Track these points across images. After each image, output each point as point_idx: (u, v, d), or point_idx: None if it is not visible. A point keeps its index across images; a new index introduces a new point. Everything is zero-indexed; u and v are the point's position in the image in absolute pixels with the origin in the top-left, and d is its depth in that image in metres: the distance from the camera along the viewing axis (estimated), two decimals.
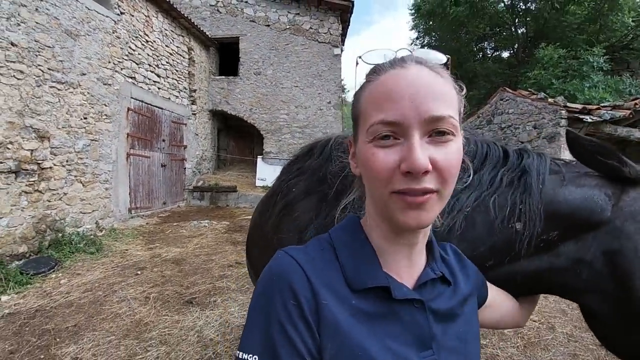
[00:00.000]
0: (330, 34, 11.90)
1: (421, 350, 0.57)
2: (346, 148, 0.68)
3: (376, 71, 0.57)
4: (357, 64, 0.66)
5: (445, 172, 0.51)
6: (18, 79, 4.96)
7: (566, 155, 7.01)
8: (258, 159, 11.92)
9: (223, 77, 12.42)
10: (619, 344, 0.93)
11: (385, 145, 0.52)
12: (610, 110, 6.72)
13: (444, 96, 0.52)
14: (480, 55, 14.49)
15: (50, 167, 5.49)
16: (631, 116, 6.78)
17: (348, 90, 40.39)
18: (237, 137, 14.09)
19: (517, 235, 0.94)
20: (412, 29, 15.95)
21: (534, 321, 3.63)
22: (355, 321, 0.55)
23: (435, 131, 0.51)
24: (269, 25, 12.04)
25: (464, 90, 0.60)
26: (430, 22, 14.07)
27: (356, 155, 0.60)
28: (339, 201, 1.03)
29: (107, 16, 6.89)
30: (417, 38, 16.06)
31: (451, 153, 0.52)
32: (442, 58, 0.60)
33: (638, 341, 0.85)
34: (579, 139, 0.94)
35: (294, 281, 0.54)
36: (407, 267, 0.61)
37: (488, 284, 0.81)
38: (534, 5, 11.79)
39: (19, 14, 4.98)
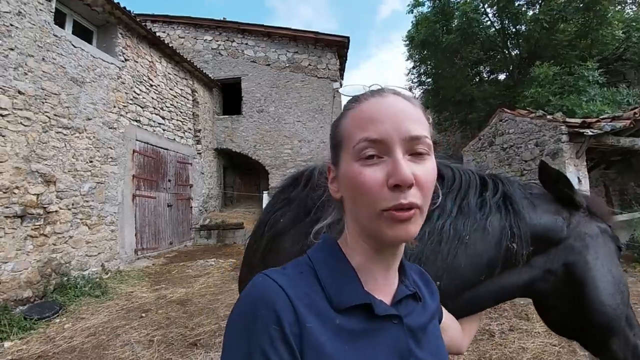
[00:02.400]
0: (329, 69, 12.21)
1: None
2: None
3: (356, 100, 0.61)
4: (333, 97, 0.72)
5: (425, 188, 0.56)
6: (25, 125, 5.11)
7: (571, 169, 6.94)
8: (264, 194, 11.94)
9: (227, 116, 12.71)
10: (564, 327, 1.25)
11: (371, 164, 0.55)
12: (610, 121, 6.69)
13: (419, 120, 0.58)
14: (477, 79, 14.65)
15: (56, 211, 5.54)
16: (632, 125, 6.75)
17: None
18: (243, 174, 14.21)
19: (512, 252, 1.12)
20: (408, 59, 16.25)
21: (554, 345, 3.47)
22: (339, 341, 0.55)
23: (415, 152, 0.56)
24: (269, 65, 12.41)
25: (430, 120, 0.64)
26: (425, 52, 14.34)
27: (338, 178, 0.63)
28: (329, 230, 1.10)
29: (112, 63, 7.17)
30: (413, 67, 16.34)
31: (429, 169, 0.57)
32: (409, 93, 0.64)
33: (579, 324, 1.18)
34: (548, 168, 1.21)
35: (276, 304, 0.53)
36: (383, 286, 0.63)
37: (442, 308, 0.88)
38: (524, 26, 12.02)
39: (25, 64, 5.19)
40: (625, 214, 7.85)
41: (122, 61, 7.52)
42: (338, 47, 12.25)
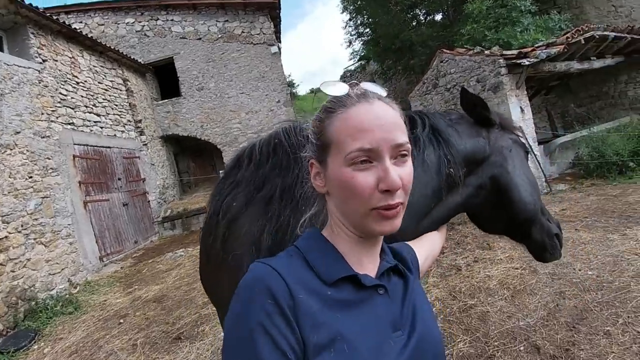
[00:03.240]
0: (264, 33, 11.77)
1: (392, 331, 0.64)
2: (306, 163, 0.77)
3: (344, 104, 0.66)
4: (314, 94, 0.74)
5: (407, 186, 0.65)
6: None
7: (513, 100, 7.23)
8: (220, 173, 11.71)
9: (166, 100, 12.14)
10: (496, 228, 1.55)
11: (363, 169, 0.62)
12: (545, 49, 6.92)
13: (401, 126, 0.66)
14: (415, 23, 14.59)
15: (6, 237, 5.23)
16: (566, 50, 7.01)
17: (297, 84, 40.06)
18: (196, 157, 13.80)
19: (451, 176, 1.32)
20: (343, 11, 15.89)
21: (516, 269, 3.73)
22: (332, 311, 0.61)
23: (399, 155, 0.64)
24: (200, 39, 11.81)
25: (406, 121, 0.71)
26: (359, 2, 14.06)
27: (326, 176, 0.69)
28: (284, 199, 1.22)
29: (29, 67, 6.58)
30: (350, 19, 16.05)
31: (409, 169, 0.66)
32: (384, 91, 0.71)
33: (508, 222, 1.46)
34: (467, 94, 1.40)
35: (270, 282, 0.59)
36: (369, 263, 0.71)
37: (414, 242, 1.04)
38: None
39: None
40: (568, 134, 8.35)
41: (40, 63, 6.91)
42: (269, 9, 11.74)
